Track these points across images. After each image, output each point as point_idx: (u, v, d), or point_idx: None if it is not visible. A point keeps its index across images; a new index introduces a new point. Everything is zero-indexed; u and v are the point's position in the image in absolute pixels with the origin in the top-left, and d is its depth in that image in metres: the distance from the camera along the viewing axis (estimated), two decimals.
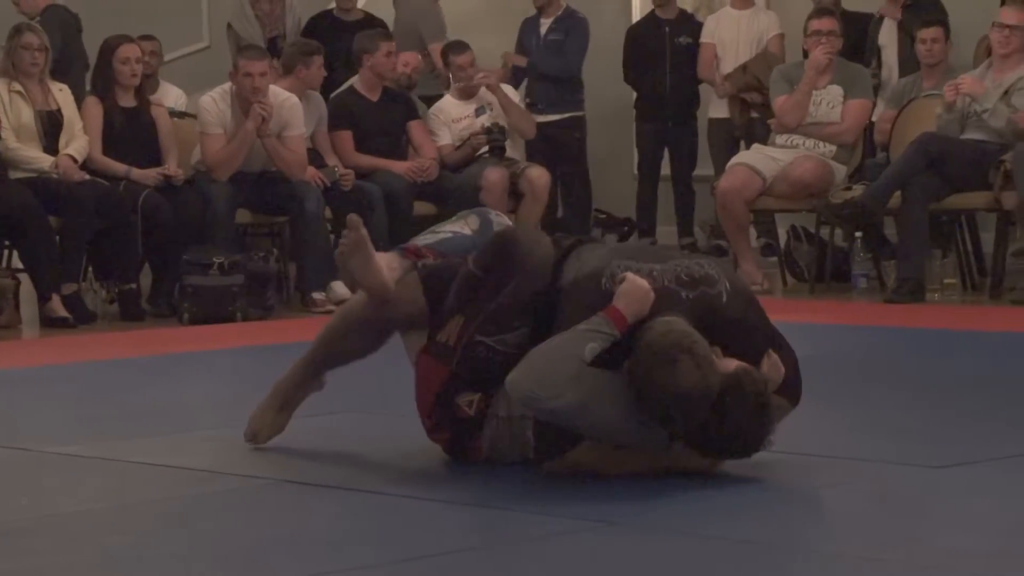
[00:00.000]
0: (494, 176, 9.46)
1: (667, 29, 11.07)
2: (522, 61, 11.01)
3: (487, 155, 9.69)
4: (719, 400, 4.06)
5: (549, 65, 10.99)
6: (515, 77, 10.98)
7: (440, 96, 10.13)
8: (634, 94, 11.32)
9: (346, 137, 9.45)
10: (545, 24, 11.17)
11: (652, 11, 11.30)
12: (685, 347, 4.01)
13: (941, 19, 9.46)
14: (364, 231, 4.49)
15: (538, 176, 9.59)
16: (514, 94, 10.14)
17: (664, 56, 11.03)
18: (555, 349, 4.14)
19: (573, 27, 11.09)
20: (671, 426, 4.11)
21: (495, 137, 9.70)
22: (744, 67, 10.58)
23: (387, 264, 4.53)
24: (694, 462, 4.25)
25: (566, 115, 11.06)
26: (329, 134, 9.42)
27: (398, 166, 9.37)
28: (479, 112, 9.89)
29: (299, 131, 8.93)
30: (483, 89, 9.89)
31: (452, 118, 9.86)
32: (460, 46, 10.02)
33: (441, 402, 4.42)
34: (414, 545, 3.75)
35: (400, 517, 4.03)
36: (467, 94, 9.90)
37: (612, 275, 4.23)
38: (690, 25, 11.13)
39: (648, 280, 4.18)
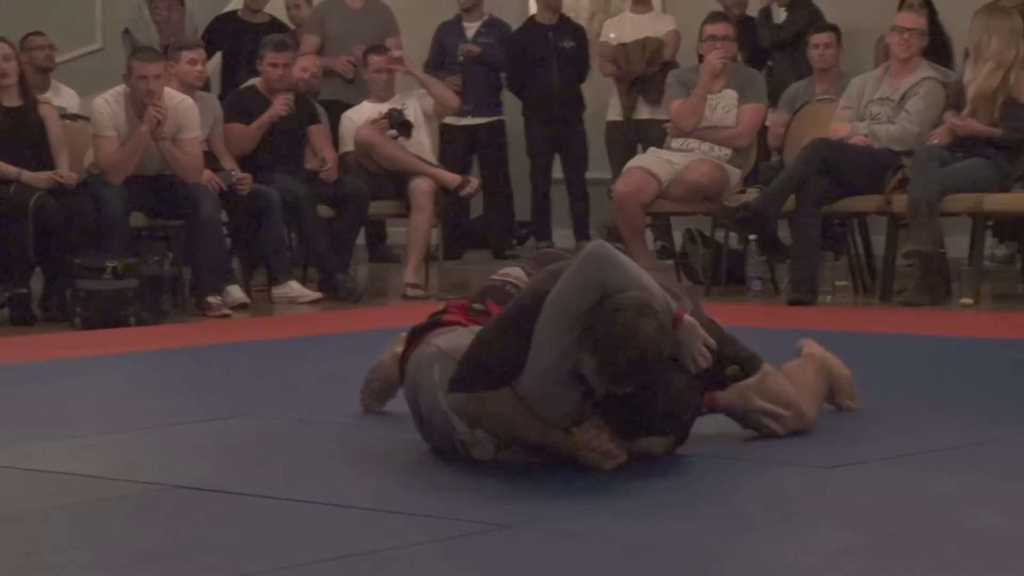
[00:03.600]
0: (424, 187, 9.46)
1: (551, 34, 11.15)
2: (476, 49, 11.04)
3: (395, 136, 9.59)
4: (662, 371, 4.29)
5: (498, 63, 11.08)
6: (440, 74, 10.98)
7: (349, 105, 9.99)
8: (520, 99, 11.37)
9: (240, 130, 9.36)
10: (471, 28, 11.24)
11: (532, 17, 11.37)
12: (654, 309, 4.26)
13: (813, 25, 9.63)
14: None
15: (417, 186, 9.50)
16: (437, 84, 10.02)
17: (551, 60, 11.10)
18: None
19: (503, 31, 11.26)
20: (612, 374, 4.21)
21: (394, 115, 9.60)
22: (625, 45, 10.71)
23: None
24: (593, 445, 4.31)
25: (492, 119, 11.17)
26: (225, 126, 9.33)
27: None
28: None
29: (194, 134, 8.86)
30: (398, 92, 9.81)
31: (367, 119, 9.73)
32: (380, 47, 9.98)
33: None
34: (309, 550, 3.75)
35: (295, 522, 4.02)
36: (382, 97, 9.75)
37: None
38: (571, 29, 11.25)
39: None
